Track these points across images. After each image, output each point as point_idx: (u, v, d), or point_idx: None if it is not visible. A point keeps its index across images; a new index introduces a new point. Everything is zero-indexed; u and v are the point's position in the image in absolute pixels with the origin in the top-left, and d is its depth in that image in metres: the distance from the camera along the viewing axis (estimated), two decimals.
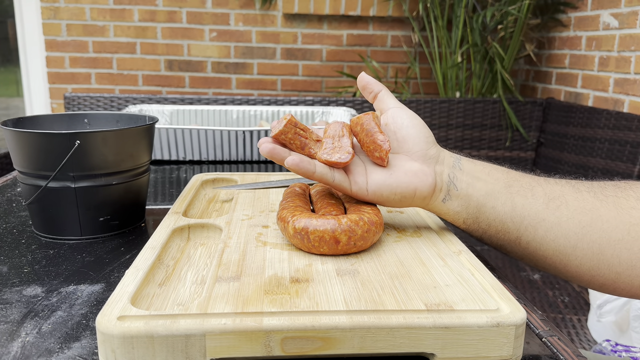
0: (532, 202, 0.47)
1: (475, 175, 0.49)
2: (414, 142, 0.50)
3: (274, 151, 0.48)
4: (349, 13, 2.35)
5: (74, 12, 2.31)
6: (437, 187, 0.49)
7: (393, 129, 0.51)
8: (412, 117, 0.51)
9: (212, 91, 2.45)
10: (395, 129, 0.51)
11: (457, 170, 0.49)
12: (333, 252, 0.45)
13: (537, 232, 0.47)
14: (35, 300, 0.43)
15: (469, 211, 0.49)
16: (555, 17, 2.12)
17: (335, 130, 0.51)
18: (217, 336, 0.33)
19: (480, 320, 0.35)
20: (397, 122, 0.51)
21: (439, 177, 0.49)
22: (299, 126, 0.50)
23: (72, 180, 0.55)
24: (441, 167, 0.50)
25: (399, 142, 0.50)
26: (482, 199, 0.48)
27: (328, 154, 0.49)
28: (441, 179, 0.49)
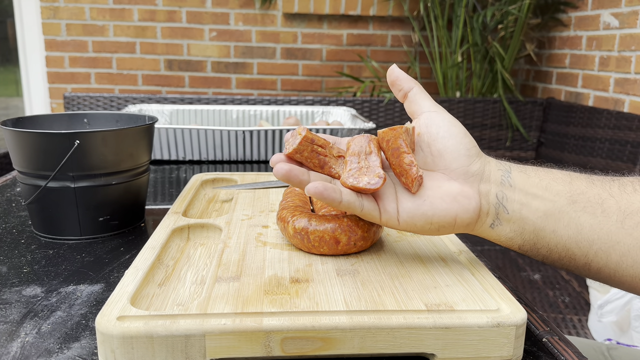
0: (602, 222, 0.39)
1: (529, 191, 0.41)
2: (452, 156, 0.42)
3: (290, 174, 0.40)
4: (349, 13, 2.35)
5: (73, 11, 2.31)
6: (483, 212, 0.41)
7: (427, 140, 0.43)
8: (449, 124, 0.42)
9: (211, 91, 2.45)
10: (430, 140, 0.42)
11: (506, 188, 0.41)
12: (333, 252, 0.45)
13: (611, 257, 0.39)
14: (34, 301, 0.43)
15: (524, 237, 0.41)
16: (555, 17, 2.11)
17: (361, 146, 0.43)
18: (216, 336, 0.33)
19: (480, 320, 0.35)
20: (432, 132, 0.42)
21: (484, 199, 0.41)
22: (316, 142, 0.43)
23: (72, 180, 0.55)
24: (487, 185, 0.41)
25: (434, 157, 0.42)
26: (539, 222, 0.40)
27: (354, 177, 0.41)
28: (487, 200, 0.41)
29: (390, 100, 2.01)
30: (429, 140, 0.43)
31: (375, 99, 2.02)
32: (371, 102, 2.02)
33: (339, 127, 1.02)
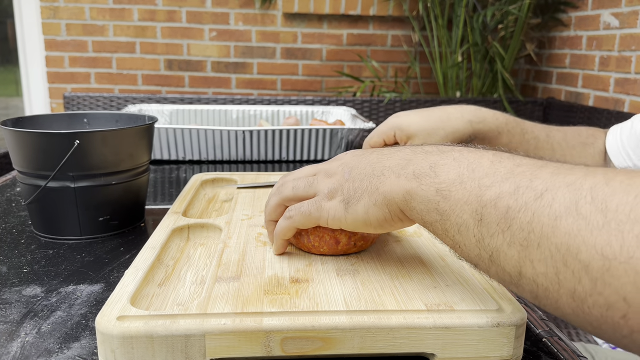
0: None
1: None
2: None
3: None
4: (349, 12, 2.35)
5: (73, 11, 2.31)
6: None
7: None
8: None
9: (211, 91, 2.45)
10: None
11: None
12: (333, 252, 0.45)
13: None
14: (34, 300, 0.43)
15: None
16: (555, 17, 2.11)
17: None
18: (216, 336, 0.33)
19: (480, 320, 0.35)
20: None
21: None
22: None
23: (72, 180, 0.55)
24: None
25: None
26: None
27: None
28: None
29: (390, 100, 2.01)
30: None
31: (375, 98, 2.02)
32: (371, 102, 2.02)
33: (339, 127, 1.02)
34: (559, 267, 0.27)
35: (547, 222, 0.28)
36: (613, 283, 0.25)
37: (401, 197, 0.37)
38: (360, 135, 1.04)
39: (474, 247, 0.33)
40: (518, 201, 0.30)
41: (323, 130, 1.01)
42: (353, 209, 0.40)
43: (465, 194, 0.33)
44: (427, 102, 2.04)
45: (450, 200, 0.34)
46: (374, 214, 0.39)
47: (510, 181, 0.31)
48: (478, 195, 0.32)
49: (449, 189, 0.34)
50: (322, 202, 0.42)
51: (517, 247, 0.30)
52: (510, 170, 0.32)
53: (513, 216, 0.30)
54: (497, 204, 0.31)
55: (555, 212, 0.28)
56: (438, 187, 0.35)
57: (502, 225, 0.31)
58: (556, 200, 0.28)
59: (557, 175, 0.30)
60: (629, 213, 0.25)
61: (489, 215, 0.31)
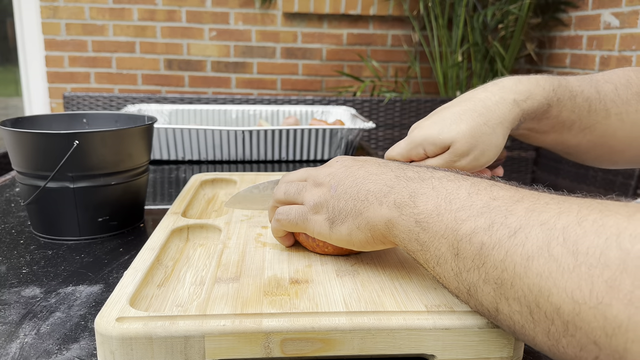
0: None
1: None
2: None
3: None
4: (349, 12, 2.35)
5: (73, 11, 2.31)
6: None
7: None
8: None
9: (211, 90, 2.44)
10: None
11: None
12: (338, 252, 0.45)
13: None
14: (33, 301, 0.43)
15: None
16: (556, 17, 2.11)
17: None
18: (216, 337, 0.33)
19: (480, 321, 0.35)
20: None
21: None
22: None
23: (71, 181, 0.55)
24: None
25: None
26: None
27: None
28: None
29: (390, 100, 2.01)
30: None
31: (375, 98, 2.02)
32: (371, 101, 2.02)
33: (338, 127, 1.02)
34: (532, 308, 0.28)
35: (519, 261, 0.28)
36: (583, 327, 0.25)
37: (383, 225, 0.38)
38: (359, 135, 1.04)
39: (453, 280, 0.33)
40: (492, 238, 0.30)
41: (323, 130, 1.01)
42: (337, 229, 0.41)
43: (442, 227, 0.33)
44: (427, 102, 2.04)
45: (429, 232, 0.34)
46: (357, 236, 0.40)
47: (486, 216, 0.31)
48: (454, 229, 0.32)
49: (427, 221, 0.34)
50: (307, 214, 0.43)
51: (492, 285, 0.30)
52: (486, 204, 0.32)
53: (487, 253, 0.30)
54: (471, 240, 0.31)
55: (528, 252, 0.28)
56: (417, 219, 0.35)
57: (477, 262, 0.31)
58: (529, 240, 0.28)
59: (532, 212, 0.29)
60: (599, 257, 0.25)
61: (464, 251, 0.32)
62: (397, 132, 2.05)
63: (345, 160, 0.45)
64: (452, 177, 0.37)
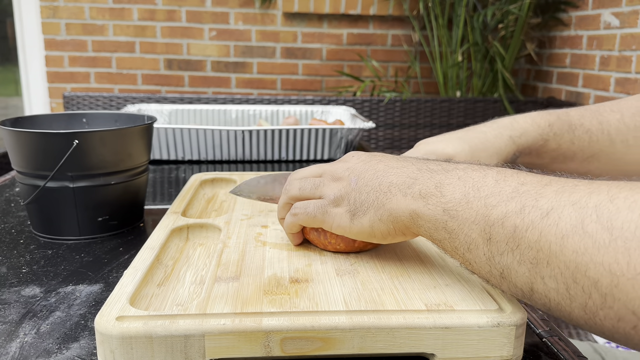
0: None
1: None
2: None
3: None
4: (349, 12, 2.35)
5: (73, 11, 2.31)
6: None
7: None
8: None
9: (211, 90, 2.44)
10: None
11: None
12: (350, 249, 0.46)
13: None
14: (33, 301, 0.43)
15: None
16: (556, 16, 2.11)
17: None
18: (216, 337, 0.33)
19: (480, 320, 0.35)
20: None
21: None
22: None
23: (71, 180, 0.55)
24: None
25: None
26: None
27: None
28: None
29: (390, 100, 2.01)
30: None
31: (375, 98, 2.02)
32: (371, 101, 2.02)
33: (338, 127, 1.02)
34: (569, 284, 0.28)
35: (554, 240, 0.29)
36: (622, 298, 0.26)
37: (407, 216, 0.38)
38: (359, 135, 1.04)
39: (485, 264, 0.34)
40: (525, 220, 0.31)
41: (322, 130, 1.01)
42: (359, 221, 0.41)
43: (472, 213, 0.34)
44: (427, 101, 2.04)
45: (458, 219, 0.35)
46: (379, 228, 0.40)
47: (516, 200, 0.32)
48: (485, 214, 0.33)
49: (456, 209, 0.35)
50: (327, 207, 0.43)
51: (527, 265, 0.31)
52: (515, 189, 0.33)
53: (521, 235, 0.31)
54: (504, 223, 0.32)
55: (562, 231, 0.29)
56: (445, 207, 0.35)
57: (511, 244, 0.31)
58: (562, 219, 0.29)
59: (562, 193, 0.30)
60: (634, 231, 0.26)
61: (497, 234, 0.32)
62: (397, 132, 2.05)
63: (361, 155, 0.45)
64: (476, 167, 0.37)
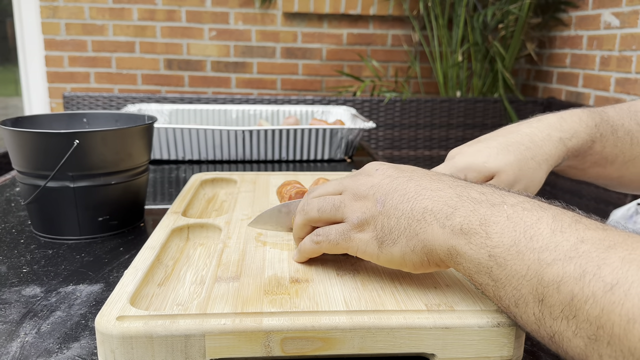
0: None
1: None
2: None
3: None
4: (349, 12, 2.35)
5: (73, 11, 2.31)
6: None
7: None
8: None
9: (211, 90, 2.44)
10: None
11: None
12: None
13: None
14: (34, 301, 0.43)
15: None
16: (556, 16, 2.11)
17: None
18: (216, 336, 0.33)
19: (480, 320, 0.35)
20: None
21: None
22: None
23: (71, 180, 0.55)
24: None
25: None
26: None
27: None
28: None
29: (391, 100, 2.01)
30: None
31: (376, 98, 2.02)
32: (371, 101, 2.02)
33: (339, 127, 1.02)
34: None
35: (618, 322, 0.26)
36: None
37: (445, 251, 0.35)
38: (360, 135, 1.04)
39: (533, 323, 0.31)
40: (585, 290, 0.27)
41: (323, 130, 1.01)
42: (388, 250, 0.37)
43: (523, 267, 0.30)
44: (427, 101, 2.04)
45: (506, 270, 0.31)
46: (411, 259, 0.37)
47: (575, 262, 0.28)
48: (538, 272, 0.29)
49: (504, 257, 0.31)
50: (350, 232, 0.39)
51: (584, 339, 0.27)
52: (574, 247, 0.29)
53: (579, 306, 0.27)
54: (560, 288, 0.28)
55: (629, 314, 0.25)
56: (491, 252, 0.32)
57: (567, 313, 0.28)
58: (629, 299, 0.26)
59: (630, 264, 0.27)
60: None
61: (551, 298, 0.29)
62: (397, 132, 2.05)
63: (386, 169, 0.41)
64: (527, 206, 0.33)
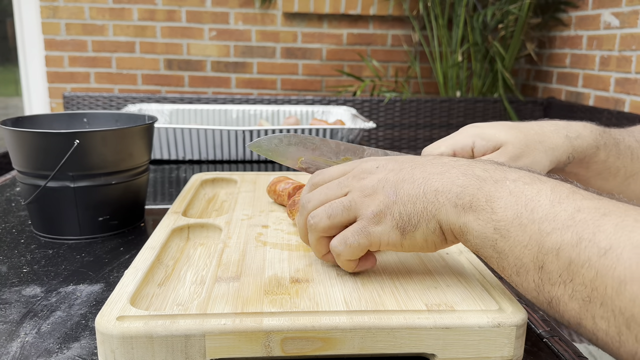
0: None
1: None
2: None
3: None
4: (349, 12, 2.35)
5: (73, 11, 2.31)
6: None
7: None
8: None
9: (211, 90, 2.44)
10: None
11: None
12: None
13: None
14: (34, 300, 0.43)
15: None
16: (556, 17, 2.11)
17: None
18: (216, 336, 0.33)
19: (481, 320, 0.35)
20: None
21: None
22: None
23: (71, 180, 0.55)
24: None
25: None
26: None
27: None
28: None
29: (391, 100, 2.01)
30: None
31: (376, 98, 2.02)
32: (371, 101, 2.02)
33: (339, 127, 1.02)
34: (621, 329, 0.27)
35: (611, 284, 0.27)
36: None
37: (458, 228, 0.36)
38: (360, 135, 1.04)
39: (533, 290, 0.32)
40: (581, 256, 0.29)
41: (323, 130, 1.01)
42: (411, 236, 0.38)
43: (525, 237, 0.32)
44: (427, 101, 2.04)
45: (509, 241, 0.33)
46: (433, 240, 0.38)
47: (572, 230, 0.30)
48: (539, 241, 0.31)
49: (508, 229, 0.33)
50: (368, 227, 0.39)
51: (579, 302, 0.29)
52: (571, 216, 0.31)
53: (576, 270, 0.29)
54: (559, 254, 0.30)
55: (620, 276, 0.27)
56: (496, 226, 0.34)
57: (564, 277, 0.30)
58: (620, 262, 0.27)
59: (622, 230, 0.28)
60: None
61: (550, 264, 0.31)
62: (397, 132, 2.05)
63: (386, 164, 0.41)
64: (528, 180, 0.35)
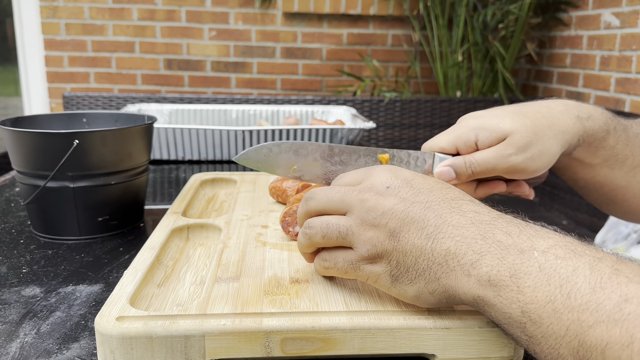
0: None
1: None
2: None
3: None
4: (349, 12, 2.35)
5: (72, 11, 2.31)
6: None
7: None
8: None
9: (211, 90, 2.44)
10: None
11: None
12: None
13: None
14: (33, 301, 0.43)
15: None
16: (556, 16, 2.11)
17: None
18: (216, 337, 0.33)
19: (481, 321, 0.35)
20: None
21: None
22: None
23: (71, 180, 0.55)
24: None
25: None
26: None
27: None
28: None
29: (391, 100, 2.01)
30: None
31: (376, 98, 2.02)
32: (371, 101, 2.02)
33: (339, 127, 1.02)
34: None
35: None
36: None
37: (470, 299, 0.32)
38: (360, 135, 1.04)
39: None
40: (634, 359, 0.25)
41: (323, 130, 1.01)
42: (402, 288, 0.35)
43: (562, 328, 0.28)
44: (427, 101, 2.04)
45: (541, 328, 0.29)
46: (427, 299, 0.34)
47: (621, 327, 0.26)
48: (579, 333, 0.27)
49: (539, 314, 0.28)
50: (359, 263, 0.36)
51: None
52: (617, 307, 0.26)
53: None
54: (605, 354, 0.26)
55: None
56: (524, 308, 0.29)
57: None
58: None
59: None
60: None
61: None
62: (397, 132, 2.05)
63: (400, 187, 0.36)
64: (560, 253, 0.30)
